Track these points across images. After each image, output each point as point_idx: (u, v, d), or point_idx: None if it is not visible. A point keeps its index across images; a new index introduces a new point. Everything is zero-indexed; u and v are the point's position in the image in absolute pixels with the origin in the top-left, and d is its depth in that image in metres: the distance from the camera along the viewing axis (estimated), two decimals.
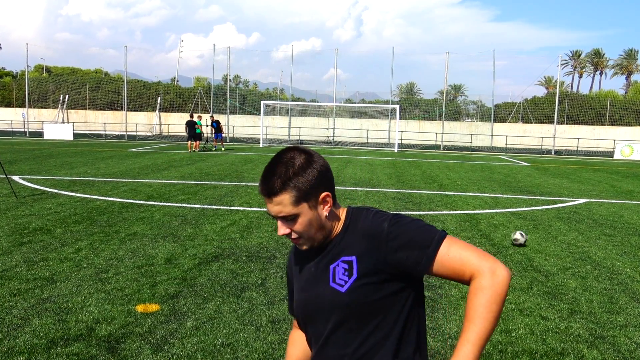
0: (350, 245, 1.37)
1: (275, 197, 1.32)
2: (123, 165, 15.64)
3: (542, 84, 69.73)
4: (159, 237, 6.56)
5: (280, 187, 1.30)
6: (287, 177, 1.30)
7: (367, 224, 1.37)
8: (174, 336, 3.70)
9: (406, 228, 1.33)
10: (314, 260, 1.44)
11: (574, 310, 4.50)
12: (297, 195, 1.31)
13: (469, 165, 20.05)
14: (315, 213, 1.34)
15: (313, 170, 1.32)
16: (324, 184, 1.35)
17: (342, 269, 1.36)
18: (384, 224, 1.33)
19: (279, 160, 1.34)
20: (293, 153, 1.34)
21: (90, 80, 42.02)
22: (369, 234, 1.34)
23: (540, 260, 6.09)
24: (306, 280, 1.44)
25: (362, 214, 1.41)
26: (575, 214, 9.32)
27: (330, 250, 1.40)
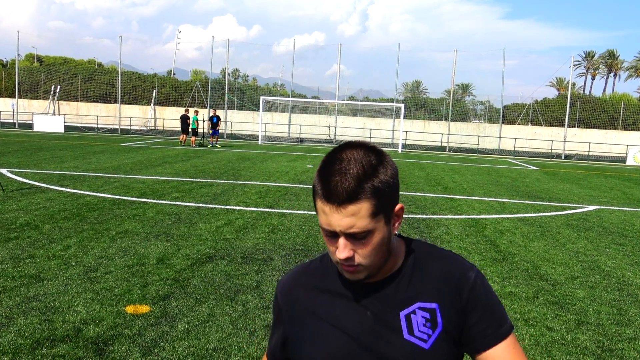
0: (424, 287, 1.14)
1: (352, 204, 1.03)
2: (115, 160, 15.64)
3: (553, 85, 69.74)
4: (151, 235, 6.56)
5: (359, 190, 1.02)
6: (367, 177, 1.03)
7: (448, 267, 1.16)
8: (164, 339, 3.70)
9: (490, 291, 1.16)
10: (362, 298, 1.15)
11: (582, 321, 4.50)
12: (377, 204, 1.04)
13: (475, 168, 20.05)
14: (388, 230, 1.09)
15: (392, 172, 1.07)
16: (398, 191, 1.12)
17: (422, 318, 1.12)
18: (471, 274, 1.15)
19: (347, 157, 1.06)
20: (362, 150, 1.07)
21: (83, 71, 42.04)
22: (453, 281, 1.14)
23: (547, 268, 6.09)
24: (357, 326, 1.14)
25: (429, 248, 1.21)
26: (585, 221, 9.32)
27: (394, 291, 1.14)
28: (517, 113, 37.86)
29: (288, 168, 15.84)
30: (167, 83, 41.42)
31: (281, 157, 20.26)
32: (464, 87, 75.40)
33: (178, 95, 40.52)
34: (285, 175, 13.72)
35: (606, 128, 35.24)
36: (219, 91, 38.24)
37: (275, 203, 9.36)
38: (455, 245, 6.91)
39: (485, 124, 36.68)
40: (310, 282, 1.22)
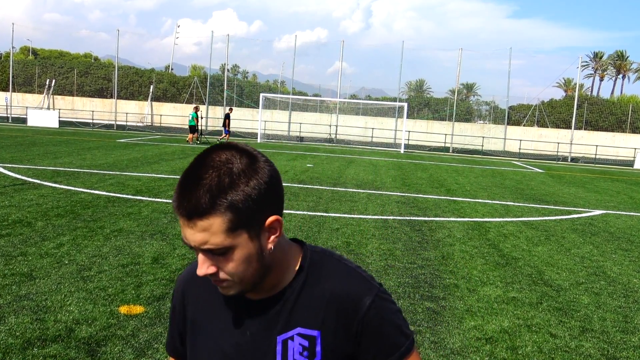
0: (310, 311, 1.05)
1: (201, 219, 0.93)
2: (111, 156, 15.65)
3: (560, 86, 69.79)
4: (146, 234, 6.56)
5: (209, 205, 0.92)
6: (221, 190, 0.92)
7: (341, 289, 1.05)
8: (158, 341, 3.70)
9: (387, 318, 1.06)
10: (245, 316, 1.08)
11: (586, 328, 4.51)
12: (233, 219, 0.93)
13: (479, 170, 20.06)
14: (257, 246, 0.98)
15: (259, 181, 0.95)
16: (273, 202, 0.99)
17: (300, 346, 1.04)
18: (366, 299, 1.04)
19: (207, 162, 0.96)
20: (229, 153, 0.97)
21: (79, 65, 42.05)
22: (344, 307, 1.04)
23: (551, 273, 6.09)
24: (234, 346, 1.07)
25: (327, 263, 1.09)
26: (591, 225, 9.32)
27: (277, 311, 1.06)
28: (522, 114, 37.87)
29: (287, 167, 15.84)
30: (165, 78, 41.44)
31: (280, 156, 20.26)
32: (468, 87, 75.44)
33: (176, 91, 40.53)
34: (285, 175, 13.72)
35: (614, 131, 35.25)
36: (218, 87, 38.25)
37: None
38: (457, 248, 6.91)
39: (490, 125, 36.69)
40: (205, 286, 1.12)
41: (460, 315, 4.56)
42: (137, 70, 42.36)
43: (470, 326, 4.31)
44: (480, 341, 4.06)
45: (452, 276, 5.67)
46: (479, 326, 4.34)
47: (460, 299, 4.94)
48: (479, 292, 5.22)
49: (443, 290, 5.16)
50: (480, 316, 4.57)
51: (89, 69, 41.45)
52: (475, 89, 75.88)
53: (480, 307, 4.78)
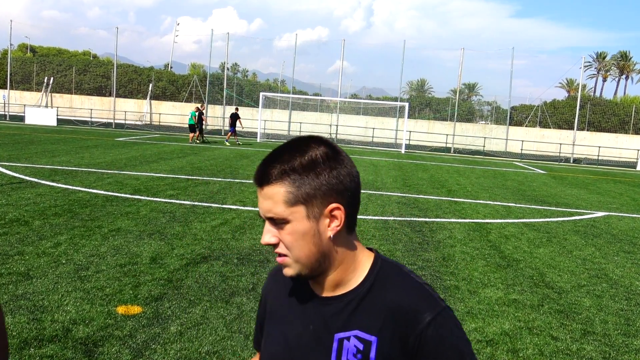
0: (370, 317, 1.08)
1: (268, 186, 1.05)
2: (109, 155, 15.65)
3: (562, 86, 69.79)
4: (145, 234, 6.56)
5: (277, 175, 1.04)
6: (290, 167, 1.03)
7: (402, 299, 1.07)
8: (156, 341, 3.70)
9: (446, 339, 1.05)
10: (311, 310, 1.14)
11: (587, 331, 4.51)
12: (293, 192, 1.03)
13: (480, 171, 20.06)
14: (314, 227, 1.05)
15: (331, 170, 1.04)
16: (339, 193, 1.05)
17: (355, 348, 1.07)
18: (426, 316, 1.04)
19: (289, 145, 1.07)
20: (313, 142, 1.07)
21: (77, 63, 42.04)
22: (402, 317, 1.06)
23: (553, 275, 6.09)
24: (296, 336, 1.14)
25: (395, 275, 1.12)
26: (593, 227, 9.32)
27: (340, 311, 1.10)
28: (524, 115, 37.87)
29: None
30: (164, 77, 41.43)
31: None
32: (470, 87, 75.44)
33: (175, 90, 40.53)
34: None
35: (617, 132, 35.26)
36: (218, 86, 38.26)
37: None
38: (458, 249, 6.91)
39: (491, 125, 36.69)
40: (284, 281, 1.22)
41: (461, 317, 4.56)
42: (136, 69, 42.35)
43: (470, 328, 4.31)
44: (480, 343, 4.06)
45: (453, 278, 5.68)
46: (480, 328, 4.34)
47: (461, 301, 4.94)
48: (480, 294, 5.22)
49: (443, 292, 5.16)
50: (481, 318, 4.57)
51: (88, 67, 41.45)
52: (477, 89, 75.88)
53: (481, 309, 4.78)
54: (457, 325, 1.08)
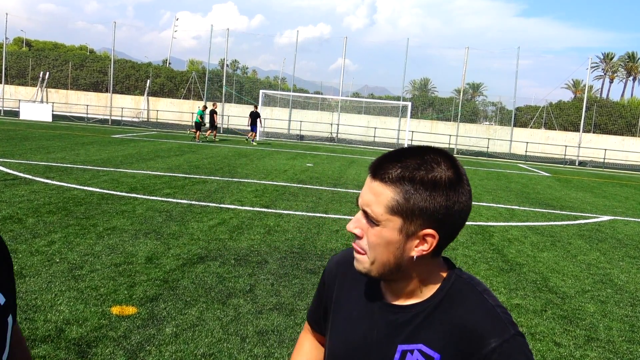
0: (437, 331, 1.07)
1: (380, 182, 1.04)
2: (105, 152, 15.65)
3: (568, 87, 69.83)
4: (140, 233, 6.56)
5: (394, 176, 1.02)
6: (411, 176, 1.02)
7: (470, 318, 1.06)
8: (150, 343, 3.70)
9: None
10: (379, 314, 1.15)
11: (591, 337, 4.51)
12: (400, 203, 1.02)
13: (484, 173, 20.07)
14: (402, 242, 1.05)
15: (447, 196, 1.02)
16: (442, 222, 1.04)
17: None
18: (492, 340, 1.02)
19: (422, 153, 1.05)
20: (442, 159, 1.05)
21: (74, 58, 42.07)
22: (467, 337, 1.04)
23: (556, 280, 6.09)
24: (360, 337, 1.16)
25: (468, 292, 1.10)
26: (598, 232, 9.32)
27: (406, 322, 1.10)
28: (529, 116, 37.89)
29: (287, 166, 15.85)
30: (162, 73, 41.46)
31: (280, 154, 20.27)
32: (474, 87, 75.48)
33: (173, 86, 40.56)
34: (284, 174, 13.73)
35: (623, 134, 35.29)
36: (217, 83, 38.28)
37: (272, 203, 9.36)
38: (460, 253, 6.91)
39: (496, 126, 36.72)
40: (355, 274, 1.20)
41: None
42: (134, 64, 42.38)
43: None
44: None
45: None
46: None
47: None
48: None
49: None
50: None
51: (84, 62, 41.47)
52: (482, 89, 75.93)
53: None
54: (525, 354, 1.03)
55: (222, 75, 37.98)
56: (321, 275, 1.34)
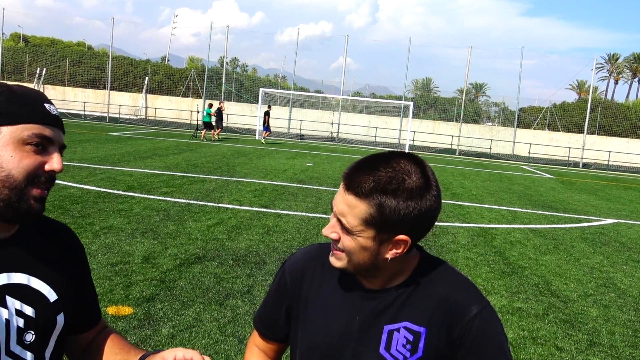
0: (419, 308, 1.16)
1: (352, 196, 1.09)
2: (102, 150, 15.65)
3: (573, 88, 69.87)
4: (137, 232, 6.56)
5: (366, 191, 1.07)
6: (383, 189, 1.06)
7: (451, 294, 1.16)
8: (146, 343, 3.70)
9: (491, 331, 1.14)
10: (358, 302, 1.21)
11: (594, 342, 4.51)
12: (374, 216, 1.08)
13: (486, 174, 20.07)
14: (376, 247, 1.12)
15: (416, 206, 1.08)
16: (414, 227, 1.11)
17: (404, 338, 1.15)
18: (473, 308, 1.14)
19: (388, 160, 1.10)
20: (410, 166, 1.10)
21: (71, 54, 42.07)
22: (452, 311, 1.14)
23: (559, 284, 6.09)
24: (341, 328, 1.21)
25: (441, 270, 1.21)
26: (602, 235, 9.32)
27: (388, 304, 1.18)
28: (533, 117, 37.89)
29: (286, 166, 15.85)
30: (161, 70, 41.46)
31: (279, 153, 20.27)
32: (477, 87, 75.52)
33: (172, 84, 40.56)
34: (283, 174, 13.74)
35: (628, 136, 35.25)
36: (216, 81, 38.27)
37: (271, 203, 9.37)
38: (461, 255, 6.91)
39: (498, 127, 36.70)
40: (321, 268, 1.27)
41: None
42: (132, 61, 42.37)
43: None
44: None
45: None
46: None
47: None
48: None
49: None
50: None
51: (82, 58, 41.47)
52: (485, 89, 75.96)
53: None
54: (499, 320, 1.17)
55: (221, 73, 37.99)
56: (278, 277, 1.35)
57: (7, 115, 1.08)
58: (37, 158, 1.10)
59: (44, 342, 1.17)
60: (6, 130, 1.08)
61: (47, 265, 1.20)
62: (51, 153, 1.13)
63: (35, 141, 1.09)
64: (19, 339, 1.12)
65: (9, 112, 1.08)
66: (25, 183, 1.08)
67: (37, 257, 1.19)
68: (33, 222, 1.20)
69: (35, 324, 1.14)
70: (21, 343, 1.12)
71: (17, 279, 1.14)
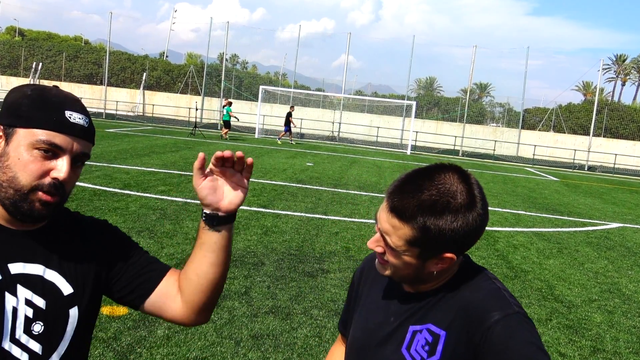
0: (444, 311, 1.20)
1: (396, 218, 1.12)
2: (98, 147, 15.65)
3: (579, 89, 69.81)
4: (133, 231, 6.56)
5: (410, 215, 1.10)
6: (428, 212, 1.09)
7: (475, 297, 1.18)
8: (141, 345, 3.70)
9: (513, 340, 1.08)
10: (396, 303, 1.29)
11: (597, 348, 4.51)
12: (418, 238, 1.11)
13: (489, 176, 20.07)
14: (421, 264, 1.17)
15: (462, 225, 1.10)
16: (461, 244, 1.14)
17: (424, 340, 1.20)
18: (495, 314, 1.12)
19: (432, 178, 1.11)
20: (456, 185, 1.11)
21: (68, 48, 42.08)
22: (472, 314, 1.15)
23: (562, 289, 6.09)
24: (377, 324, 1.30)
25: (477, 277, 1.23)
26: (607, 239, 9.32)
27: (421, 306, 1.24)
28: (538, 118, 37.90)
29: (286, 165, 15.85)
30: (159, 66, 41.47)
31: (279, 152, 20.28)
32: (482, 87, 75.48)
33: (170, 80, 40.57)
34: (283, 173, 13.74)
35: (635, 139, 35.24)
36: (215, 77, 38.28)
37: (270, 203, 9.37)
38: None
39: (503, 128, 36.70)
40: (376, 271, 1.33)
41: None
42: (130, 56, 42.39)
43: None
44: None
45: None
46: None
47: None
48: None
49: None
50: None
51: (79, 53, 41.48)
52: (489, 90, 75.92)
53: None
54: (529, 330, 1.11)
55: (221, 70, 37.98)
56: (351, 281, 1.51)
57: (25, 118, 1.13)
58: (44, 164, 1.13)
59: (55, 334, 1.19)
60: (21, 132, 1.13)
61: (66, 259, 1.23)
62: (59, 161, 1.16)
63: (44, 147, 1.12)
64: (27, 328, 1.14)
65: (27, 115, 1.13)
66: (30, 187, 1.12)
67: (57, 251, 1.22)
68: (61, 217, 1.28)
69: (44, 316, 1.16)
70: (28, 332, 1.14)
71: (32, 269, 1.16)
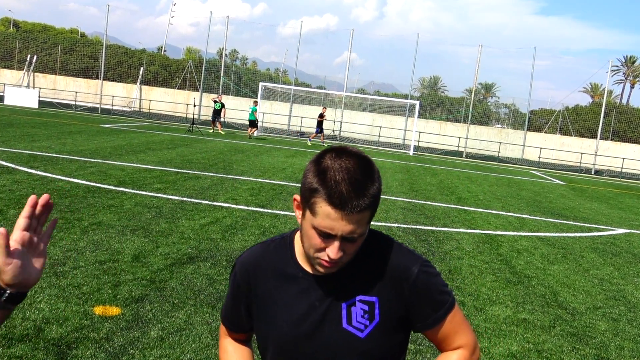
0: (367, 281, 1.37)
1: (359, 214, 1.24)
2: (93, 142, 15.66)
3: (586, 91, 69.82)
4: (128, 229, 6.56)
5: (367, 204, 1.24)
6: (374, 195, 1.25)
7: (393, 261, 1.37)
8: (134, 346, 3.71)
9: (432, 282, 1.39)
10: (311, 289, 1.39)
11: (601, 356, 4.51)
12: (373, 211, 1.28)
13: (494, 178, 20.08)
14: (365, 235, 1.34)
15: (380, 177, 1.30)
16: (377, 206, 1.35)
17: (361, 310, 1.36)
18: (414, 268, 1.37)
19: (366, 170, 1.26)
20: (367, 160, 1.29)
21: (63, 41, 42.07)
22: (396, 276, 1.36)
23: (567, 295, 6.09)
24: (304, 316, 1.38)
25: (382, 243, 1.41)
26: (613, 245, 9.32)
27: (342, 283, 1.37)
28: (544, 120, 37.90)
29: (285, 164, 15.85)
30: (157, 60, 41.47)
31: (278, 151, 20.28)
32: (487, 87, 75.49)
33: (168, 75, 40.57)
34: (282, 172, 13.74)
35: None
36: (214, 73, 38.28)
37: (269, 202, 9.37)
38: (466, 262, 6.92)
39: (508, 130, 36.72)
40: (269, 265, 1.44)
41: None
42: (127, 50, 42.39)
43: None
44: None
45: (459, 292, 5.68)
46: (485, 349, 4.35)
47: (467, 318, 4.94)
48: (487, 311, 5.23)
49: None
50: (487, 338, 4.57)
51: (75, 46, 41.47)
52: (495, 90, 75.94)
53: (488, 328, 4.78)
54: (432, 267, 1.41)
55: (220, 65, 37.99)
56: (231, 280, 1.52)
57: None
58: None
59: None
60: None
61: None
62: None
63: None
64: None
65: None
66: None
67: None
68: None
69: None
70: None
71: None
